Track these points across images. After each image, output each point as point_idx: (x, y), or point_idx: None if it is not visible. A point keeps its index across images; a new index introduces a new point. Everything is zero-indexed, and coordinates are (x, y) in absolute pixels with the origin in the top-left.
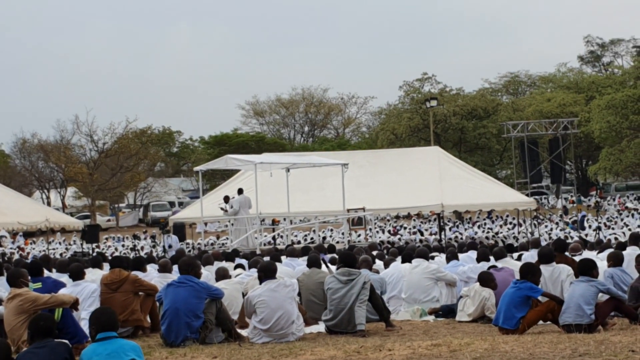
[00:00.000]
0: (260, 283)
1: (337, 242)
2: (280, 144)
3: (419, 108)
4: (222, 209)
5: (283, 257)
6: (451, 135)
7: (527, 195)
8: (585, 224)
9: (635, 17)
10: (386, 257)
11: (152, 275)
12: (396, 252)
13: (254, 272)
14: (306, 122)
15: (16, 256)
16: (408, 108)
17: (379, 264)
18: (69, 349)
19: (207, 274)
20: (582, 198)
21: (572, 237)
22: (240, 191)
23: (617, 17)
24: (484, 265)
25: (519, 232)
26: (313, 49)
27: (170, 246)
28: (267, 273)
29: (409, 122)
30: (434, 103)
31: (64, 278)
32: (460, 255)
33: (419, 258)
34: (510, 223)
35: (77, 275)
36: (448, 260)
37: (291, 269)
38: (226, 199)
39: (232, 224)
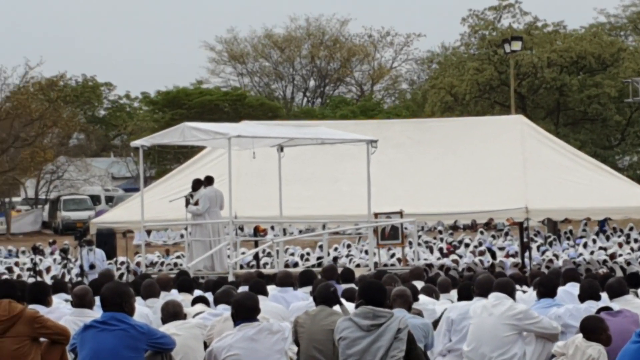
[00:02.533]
0: (234, 326)
1: (358, 266)
2: (269, 107)
3: (492, 54)
4: (186, 198)
5: (270, 288)
6: (544, 99)
7: None
8: None
9: None
10: (438, 292)
11: (61, 311)
12: (448, 282)
13: (223, 310)
14: (312, 72)
15: None
16: (475, 54)
17: (424, 301)
18: None
19: (149, 311)
20: None
21: None
22: (208, 181)
23: None
24: (590, 307)
25: None
26: None
27: (91, 266)
28: (243, 312)
29: (477, 76)
30: (517, 46)
31: None
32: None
33: (499, 292)
34: (636, 240)
35: None
36: (540, 295)
37: (283, 306)
38: (196, 186)
39: (191, 233)
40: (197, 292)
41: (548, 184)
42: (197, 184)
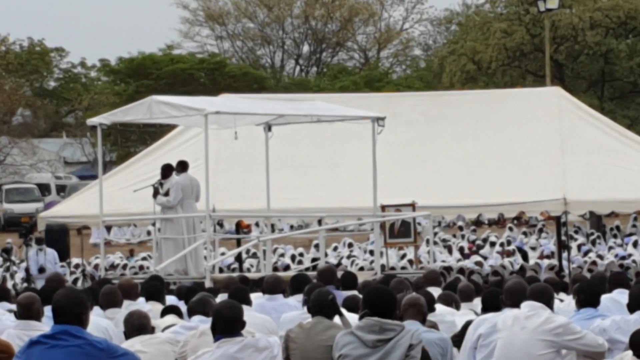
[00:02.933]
0: (213, 342)
1: (361, 269)
2: (255, 78)
3: (523, 13)
4: (154, 187)
5: (256, 295)
6: (585, 67)
7: None
8: None
9: None
10: (458, 301)
11: (3, 323)
12: (471, 289)
13: (199, 322)
14: (306, 35)
15: None
16: (503, 13)
17: (441, 311)
18: None
19: (109, 323)
20: None
21: None
22: (181, 166)
23: None
24: None
25: None
26: None
27: (41, 269)
28: (224, 325)
29: (504, 40)
30: (553, 4)
31: None
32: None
33: (534, 301)
34: None
35: None
36: (580, 304)
37: (271, 318)
38: (167, 172)
39: (160, 230)
40: (169, 300)
41: (590, 171)
42: (167, 171)
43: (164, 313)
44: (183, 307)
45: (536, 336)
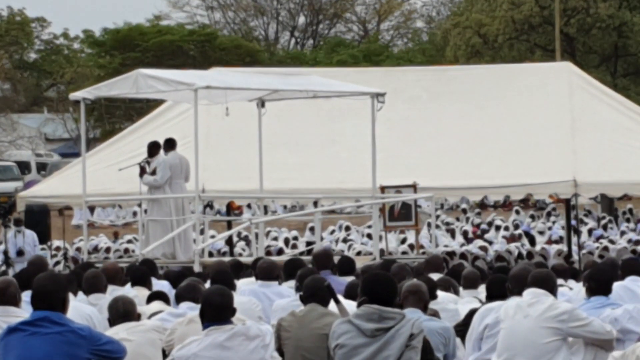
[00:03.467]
0: (202, 330)
1: (359, 254)
2: (247, 50)
3: None
4: (140, 166)
5: (247, 280)
6: (598, 41)
7: None
8: None
9: None
10: (457, 286)
11: None
12: (476, 276)
13: (187, 309)
14: (302, 6)
15: None
16: None
17: (442, 297)
18: None
19: (92, 310)
20: None
21: None
22: (169, 144)
23: None
24: None
25: None
26: None
27: (19, 252)
28: (212, 311)
29: (512, 12)
30: None
31: None
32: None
33: (537, 288)
34: None
35: None
36: (590, 292)
37: (263, 303)
38: (154, 150)
39: (146, 211)
40: (156, 285)
41: (602, 151)
42: (154, 149)
43: (150, 299)
44: (171, 293)
45: (540, 324)
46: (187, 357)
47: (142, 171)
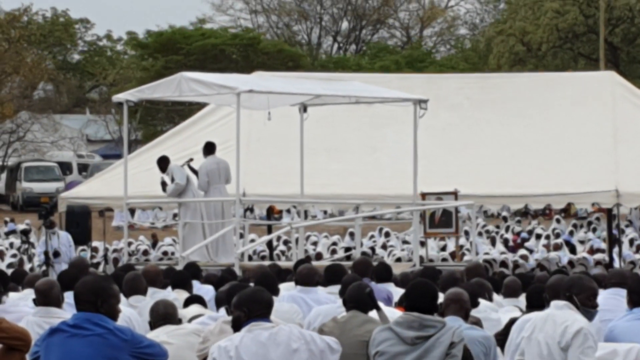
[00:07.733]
0: (238, 329)
1: (398, 260)
2: (290, 55)
3: None
4: (162, 182)
5: (288, 285)
6: None
7: None
8: None
9: None
10: (491, 291)
11: (20, 309)
12: (517, 284)
13: (225, 313)
14: (345, 11)
15: None
16: None
17: (484, 306)
18: None
19: (132, 312)
20: None
21: None
22: (208, 149)
23: None
24: None
25: None
26: None
27: (55, 253)
28: (253, 308)
29: (556, 21)
30: None
31: None
32: None
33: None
34: None
35: None
36: (632, 304)
37: (302, 309)
38: (163, 165)
39: (174, 215)
40: (197, 288)
41: None
42: (162, 163)
43: (187, 303)
44: (212, 296)
45: (554, 340)
46: (227, 350)
47: (164, 186)
